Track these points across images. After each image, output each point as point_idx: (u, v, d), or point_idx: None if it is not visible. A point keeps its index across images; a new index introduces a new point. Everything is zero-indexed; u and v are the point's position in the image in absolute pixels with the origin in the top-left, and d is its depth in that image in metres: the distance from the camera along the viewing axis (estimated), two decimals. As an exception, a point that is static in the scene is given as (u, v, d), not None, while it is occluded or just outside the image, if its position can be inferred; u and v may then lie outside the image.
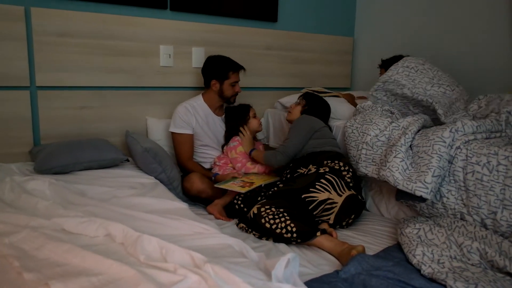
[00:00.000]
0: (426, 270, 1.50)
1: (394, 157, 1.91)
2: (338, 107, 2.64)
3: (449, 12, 2.88)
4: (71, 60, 2.34)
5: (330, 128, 2.43)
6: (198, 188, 2.27)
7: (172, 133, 2.46)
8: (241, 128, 2.48)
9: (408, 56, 2.53)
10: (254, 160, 2.41)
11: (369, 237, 1.93)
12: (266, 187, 2.19)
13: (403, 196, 1.90)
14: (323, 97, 2.58)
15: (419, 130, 2.02)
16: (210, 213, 2.17)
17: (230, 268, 1.13)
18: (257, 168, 2.40)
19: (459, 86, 2.41)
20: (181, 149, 2.45)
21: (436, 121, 2.21)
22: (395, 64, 2.45)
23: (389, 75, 2.41)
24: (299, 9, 3.23)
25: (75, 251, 1.23)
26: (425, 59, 2.51)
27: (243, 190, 2.07)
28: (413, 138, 1.98)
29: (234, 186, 2.12)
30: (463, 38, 2.83)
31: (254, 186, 2.12)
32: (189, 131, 2.43)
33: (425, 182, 1.77)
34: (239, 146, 2.43)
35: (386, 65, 2.76)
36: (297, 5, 3.21)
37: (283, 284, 1.10)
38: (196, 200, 2.36)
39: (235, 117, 2.52)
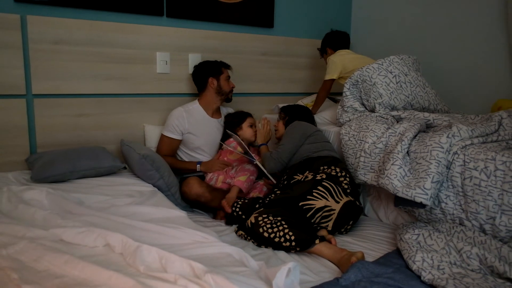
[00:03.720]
0: (426, 276, 1.50)
1: (392, 164, 1.91)
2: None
3: (445, 18, 2.90)
4: (68, 67, 2.34)
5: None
6: (196, 192, 2.27)
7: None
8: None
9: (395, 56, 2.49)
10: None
11: (368, 243, 1.93)
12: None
13: (401, 202, 1.89)
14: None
15: (415, 136, 2.03)
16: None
17: (231, 278, 1.12)
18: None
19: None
20: (162, 148, 2.50)
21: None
22: (380, 63, 2.41)
23: (369, 75, 2.38)
24: (295, 15, 3.24)
25: (74, 262, 1.22)
26: (412, 62, 2.51)
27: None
28: (410, 144, 1.98)
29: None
30: (458, 43, 2.84)
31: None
32: (177, 137, 2.49)
33: (425, 188, 1.77)
34: (237, 147, 2.43)
35: (324, 47, 2.88)
36: (293, 11, 3.22)
37: (284, 293, 1.10)
38: (195, 205, 2.35)
39: (230, 124, 2.55)
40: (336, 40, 2.83)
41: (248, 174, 2.38)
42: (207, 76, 2.52)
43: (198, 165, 2.47)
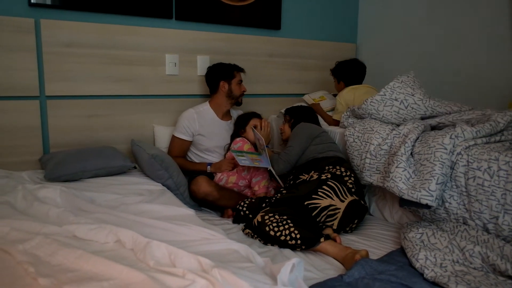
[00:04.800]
0: (429, 274, 1.52)
1: (396, 167, 1.94)
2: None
3: (451, 18, 2.91)
4: (80, 70, 2.40)
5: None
6: (205, 191, 2.32)
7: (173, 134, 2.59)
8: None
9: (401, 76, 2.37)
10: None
11: (373, 242, 1.96)
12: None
13: (406, 202, 1.92)
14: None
15: (418, 137, 2.05)
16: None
17: (237, 273, 1.16)
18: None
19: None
20: (173, 149, 2.57)
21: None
22: (383, 94, 2.29)
23: (375, 108, 2.30)
24: (302, 16, 3.27)
25: (87, 257, 1.27)
26: (413, 80, 2.34)
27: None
28: (413, 145, 2.01)
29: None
30: (464, 44, 2.85)
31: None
32: (187, 138, 2.54)
33: (430, 190, 1.80)
34: (243, 145, 2.47)
35: (337, 73, 2.85)
36: (300, 13, 3.26)
37: (288, 288, 1.14)
38: (203, 204, 2.40)
39: (237, 123, 2.61)
40: (350, 75, 2.79)
41: (266, 178, 2.46)
42: (219, 79, 2.56)
43: (208, 167, 2.51)
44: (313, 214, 1.98)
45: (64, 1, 2.32)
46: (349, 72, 2.80)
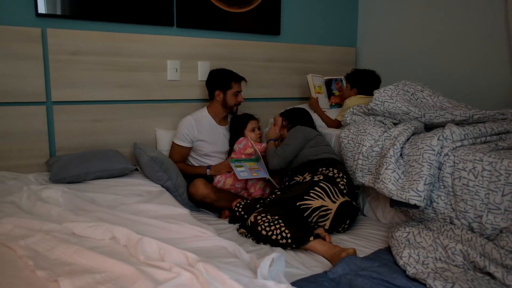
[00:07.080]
0: (410, 271, 1.58)
1: (386, 169, 2.00)
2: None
3: (449, 21, 2.93)
4: (84, 76, 2.51)
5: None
6: (202, 193, 2.40)
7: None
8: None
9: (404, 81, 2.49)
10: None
11: (363, 241, 2.02)
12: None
13: (396, 203, 1.97)
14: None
15: (408, 139, 2.10)
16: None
17: (220, 267, 1.24)
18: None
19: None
20: (174, 155, 2.63)
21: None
22: (396, 85, 2.43)
23: (389, 95, 2.36)
24: (301, 21, 3.34)
25: (83, 252, 1.36)
26: (422, 85, 2.48)
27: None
28: (402, 147, 2.06)
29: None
30: (462, 47, 2.87)
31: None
32: (187, 144, 2.61)
33: (418, 190, 1.85)
34: (247, 144, 2.55)
35: (352, 79, 2.85)
36: (299, 18, 3.32)
37: (267, 281, 1.21)
38: (201, 205, 2.48)
39: (234, 127, 2.66)
40: (365, 85, 2.79)
41: (260, 181, 2.53)
42: (215, 88, 2.62)
43: (207, 170, 2.60)
44: (305, 215, 2.05)
45: (70, 10, 2.43)
46: (365, 82, 2.79)
